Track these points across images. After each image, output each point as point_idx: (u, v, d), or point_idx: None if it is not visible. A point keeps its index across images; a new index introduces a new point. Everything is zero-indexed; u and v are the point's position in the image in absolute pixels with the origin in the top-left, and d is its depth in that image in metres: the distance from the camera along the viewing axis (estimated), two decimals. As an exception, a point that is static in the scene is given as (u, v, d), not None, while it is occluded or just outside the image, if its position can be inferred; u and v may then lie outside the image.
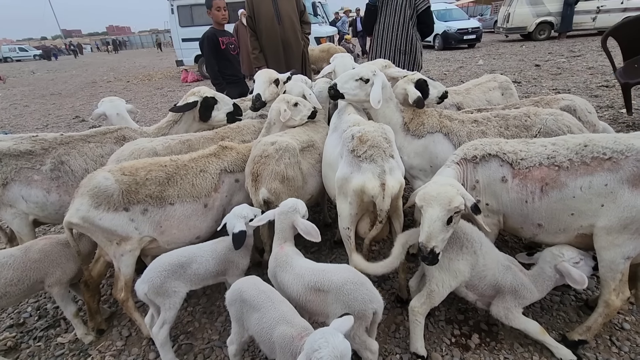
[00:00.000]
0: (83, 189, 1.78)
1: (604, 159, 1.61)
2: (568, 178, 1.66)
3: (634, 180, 1.54)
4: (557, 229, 1.76)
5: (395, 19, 3.54)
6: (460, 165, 1.89)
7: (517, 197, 1.78)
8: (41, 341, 2.17)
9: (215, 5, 3.66)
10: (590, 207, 1.64)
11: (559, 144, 1.75)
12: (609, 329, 1.92)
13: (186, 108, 2.55)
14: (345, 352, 1.13)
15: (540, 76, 8.65)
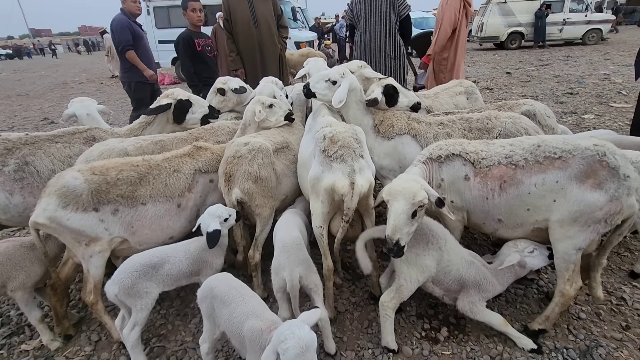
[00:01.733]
0: (50, 188, 1.73)
1: (555, 158, 1.72)
2: (524, 176, 1.77)
3: (581, 177, 1.66)
4: (515, 223, 1.87)
5: (381, 26, 3.68)
6: (426, 164, 1.98)
7: (478, 194, 1.88)
8: (3, 349, 2.07)
9: (191, 6, 3.65)
10: (544, 203, 1.75)
11: (515, 145, 1.86)
12: (566, 319, 2.04)
13: (159, 110, 2.53)
14: (310, 343, 1.17)
15: (511, 83, 9.05)
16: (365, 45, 3.78)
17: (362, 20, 3.71)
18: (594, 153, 1.66)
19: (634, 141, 2.52)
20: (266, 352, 1.19)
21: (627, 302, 2.13)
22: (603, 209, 1.63)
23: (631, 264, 2.41)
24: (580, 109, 6.27)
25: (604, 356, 1.81)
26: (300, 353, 1.14)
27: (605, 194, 1.62)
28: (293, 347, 1.14)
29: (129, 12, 4.14)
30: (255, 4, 4.03)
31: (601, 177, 1.63)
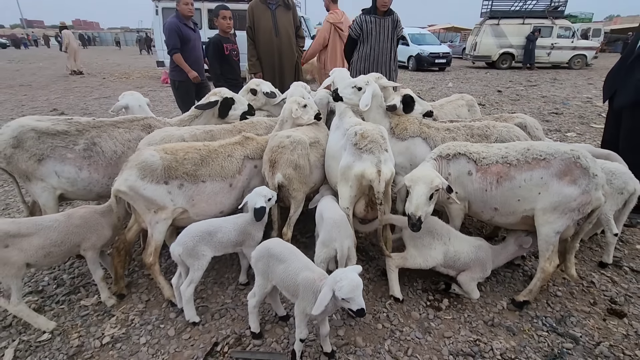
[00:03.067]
0: (132, 162, 2.07)
1: (540, 159, 2.13)
2: (516, 172, 2.17)
3: (560, 174, 2.08)
4: (508, 212, 2.27)
5: (387, 43, 4.16)
6: (437, 161, 2.38)
7: (479, 186, 2.28)
8: (64, 304, 2.37)
9: (222, 14, 4.04)
10: (531, 195, 2.15)
11: (510, 148, 2.28)
12: (546, 296, 2.45)
13: (210, 106, 2.89)
14: (359, 283, 1.55)
15: (502, 101, 9.66)
16: (374, 59, 4.23)
17: (372, 37, 4.14)
18: (570, 156, 2.09)
19: (602, 152, 3.02)
20: (324, 291, 1.56)
21: (596, 285, 2.57)
22: (577, 200, 2.06)
23: (600, 256, 2.85)
24: (564, 127, 6.85)
25: (575, 323, 2.22)
26: (352, 290, 1.51)
27: (579, 188, 2.04)
28: (347, 285, 1.51)
29: (181, 14, 4.50)
30: (277, 14, 4.44)
31: (575, 175, 2.05)
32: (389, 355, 1.99)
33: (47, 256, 2.05)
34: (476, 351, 2.02)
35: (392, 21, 4.13)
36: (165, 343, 2.07)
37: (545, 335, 2.14)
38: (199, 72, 4.84)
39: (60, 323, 2.20)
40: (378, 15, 4.06)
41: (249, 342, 2.06)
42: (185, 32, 4.50)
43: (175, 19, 4.51)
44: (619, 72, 3.35)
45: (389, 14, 4.11)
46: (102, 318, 2.26)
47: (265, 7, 4.41)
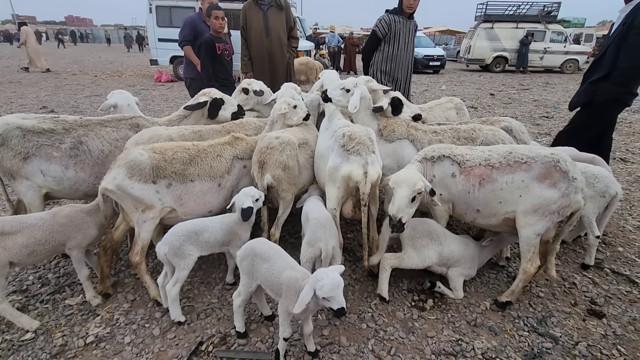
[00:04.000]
0: (120, 161, 2.07)
1: (522, 162, 2.17)
2: (498, 175, 2.21)
3: (540, 178, 2.12)
4: (490, 213, 2.30)
5: (410, 45, 4.18)
6: (422, 163, 2.41)
7: (462, 188, 2.31)
8: (49, 303, 2.36)
9: (214, 14, 4.04)
10: (513, 197, 2.18)
11: (493, 151, 2.31)
12: (528, 297, 2.50)
13: (199, 107, 2.89)
14: (340, 282, 1.57)
15: (494, 104, 9.76)
16: (399, 60, 4.20)
17: (399, 37, 4.11)
18: (550, 159, 2.12)
19: (586, 157, 3.08)
20: (305, 290, 1.58)
21: (577, 286, 2.62)
22: (556, 203, 2.10)
23: (583, 258, 2.91)
24: (554, 131, 6.94)
25: (555, 323, 2.27)
26: (332, 289, 1.53)
27: (558, 192, 2.08)
28: (328, 284, 1.53)
29: (204, 14, 4.46)
30: (269, 15, 4.46)
31: (555, 178, 2.09)
32: (372, 354, 2.01)
33: (31, 255, 2.04)
34: (458, 351, 2.05)
35: (414, 25, 4.18)
36: (149, 342, 2.07)
37: (526, 335, 2.18)
38: None
39: (44, 322, 2.18)
40: (403, 16, 4.08)
41: (234, 342, 2.07)
42: (201, 28, 4.52)
43: (196, 15, 4.56)
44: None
45: (412, 18, 4.15)
46: (86, 317, 2.25)
47: (257, 8, 4.42)
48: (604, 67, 3.25)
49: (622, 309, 2.39)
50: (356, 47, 17.27)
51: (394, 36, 4.10)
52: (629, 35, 3.06)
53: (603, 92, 3.24)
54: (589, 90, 3.34)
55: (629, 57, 3.07)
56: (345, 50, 17.38)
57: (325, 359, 1.97)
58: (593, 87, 3.31)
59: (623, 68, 3.11)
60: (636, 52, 3.06)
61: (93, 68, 17.42)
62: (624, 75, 3.13)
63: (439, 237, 2.37)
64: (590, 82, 3.34)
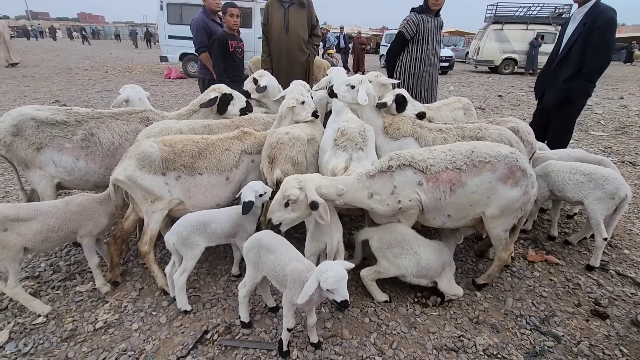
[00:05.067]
0: (131, 153, 2.12)
1: (486, 162, 2.14)
2: (467, 178, 2.15)
3: (504, 178, 2.12)
4: (460, 217, 2.27)
5: (437, 44, 4.11)
6: (374, 177, 2.18)
7: (432, 196, 2.19)
8: (60, 290, 2.43)
9: (229, 12, 4.09)
10: (482, 199, 2.17)
11: (454, 150, 2.21)
12: (531, 296, 2.50)
13: (211, 104, 2.95)
14: (344, 275, 1.60)
15: (502, 105, 9.70)
16: (428, 61, 4.13)
17: (428, 37, 4.01)
18: (512, 159, 2.14)
19: (595, 158, 3.07)
20: (310, 281, 1.61)
21: (581, 287, 2.61)
22: (519, 201, 2.16)
23: (588, 259, 2.90)
24: (561, 133, 6.89)
25: (558, 323, 2.27)
26: (336, 281, 1.56)
27: (520, 190, 2.14)
28: (332, 276, 1.56)
29: (208, 10, 4.52)
30: (290, 13, 4.46)
31: (517, 177, 2.13)
32: (374, 347, 2.04)
33: (44, 241, 2.10)
34: (459, 346, 2.06)
35: (440, 22, 4.09)
36: (156, 329, 2.12)
37: (528, 333, 2.19)
38: None
39: (55, 307, 2.25)
40: (430, 14, 3.97)
41: (238, 331, 2.11)
42: (213, 28, 4.54)
43: (202, 14, 4.54)
44: (545, 75, 3.90)
45: (438, 15, 4.04)
46: (96, 304, 2.31)
47: (279, 5, 4.45)
48: (571, 66, 3.54)
49: (626, 311, 2.39)
50: (364, 46, 17.24)
51: (422, 37, 3.98)
52: (593, 35, 3.36)
53: (577, 90, 3.55)
54: (563, 89, 3.60)
55: (596, 56, 3.40)
56: (353, 50, 17.37)
57: (327, 350, 2.01)
58: (567, 85, 3.57)
59: (591, 66, 3.43)
60: (601, 50, 3.38)
61: (104, 64, 17.66)
62: (592, 72, 3.47)
63: (411, 245, 2.25)
64: (564, 81, 3.59)
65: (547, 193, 3.02)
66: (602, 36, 3.33)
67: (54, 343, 2.01)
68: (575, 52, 3.49)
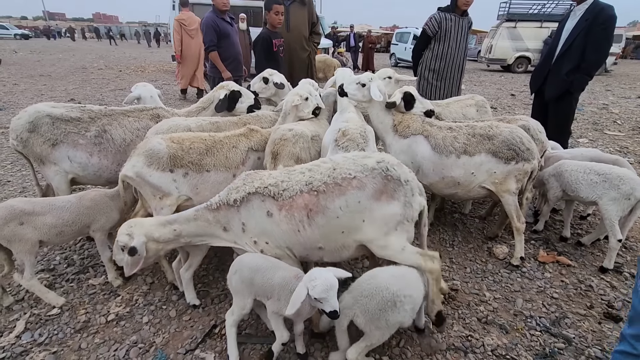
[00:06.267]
0: (140, 149, 2.16)
1: (351, 178, 1.78)
2: (327, 201, 1.76)
3: (376, 195, 1.78)
4: (336, 247, 1.87)
5: (462, 43, 4.11)
6: (220, 210, 1.88)
7: (288, 228, 1.81)
8: (73, 283, 2.49)
9: (275, 9, 4.06)
10: (355, 223, 1.79)
11: (314, 170, 1.85)
12: (542, 297, 2.46)
13: (223, 107, 2.97)
14: (333, 284, 1.51)
15: (515, 104, 9.54)
16: (450, 58, 4.14)
17: (450, 35, 4.04)
18: (379, 170, 1.80)
19: (610, 158, 3.00)
20: (298, 289, 1.54)
21: (594, 289, 2.56)
22: (401, 214, 1.82)
23: (601, 261, 2.83)
24: (576, 132, 6.74)
25: (569, 325, 2.23)
26: (325, 290, 1.48)
27: (399, 202, 1.81)
28: (320, 284, 1.48)
29: (217, 9, 4.56)
30: (291, 10, 4.50)
31: (391, 190, 1.80)
32: (381, 345, 2.03)
33: (59, 235, 2.16)
34: (467, 346, 2.05)
35: (468, 21, 4.11)
36: (166, 323, 2.16)
37: (538, 334, 2.16)
38: (237, 67, 4.85)
39: (69, 299, 2.31)
40: (457, 14, 4.01)
41: (246, 326, 2.13)
42: (222, 26, 4.57)
43: (212, 14, 4.58)
44: (543, 69, 3.93)
45: (465, 14, 4.07)
46: (108, 297, 2.36)
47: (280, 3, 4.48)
48: (572, 60, 3.62)
49: (641, 314, 2.33)
50: (372, 45, 17.15)
51: (444, 34, 4.05)
52: (595, 30, 3.44)
53: (578, 83, 3.66)
54: (565, 82, 3.69)
55: (596, 50, 3.50)
56: (363, 49, 17.30)
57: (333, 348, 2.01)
58: (568, 78, 3.66)
59: (591, 60, 3.55)
60: (602, 46, 3.51)
61: (118, 63, 17.96)
62: (591, 66, 3.59)
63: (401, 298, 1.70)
64: (565, 74, 3.67)
65: (560, 193, 2.97)
66: (603, 32, 3.44)
67: (67, 334, 2.06)
68: (576, 46, 3.57)
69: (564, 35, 3.71)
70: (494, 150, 2.61)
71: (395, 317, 1.71)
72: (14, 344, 1.99)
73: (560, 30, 3.80)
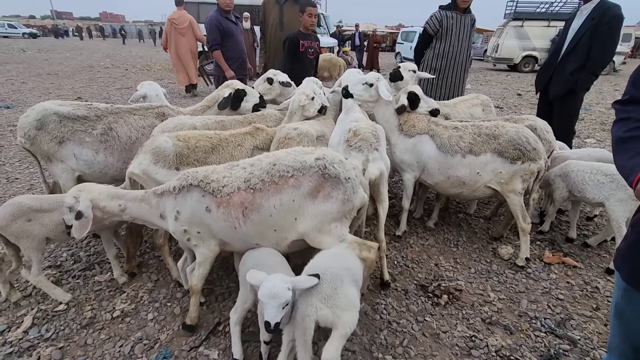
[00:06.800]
0: (146, 147, 2.18)
1: (289, 177, 1.78)
2: (263, 199, 1.77)
3: (312, 193, 1.78)
4: (271, 244, 1.89)
5: (465, 42, 4.01)
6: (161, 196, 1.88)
7: (225, 224, 1.81)
8: (80, 279, 2.52)
9: (309, 11, 4.03)
10: (287, 222, 1.81)
11: (255, 165, 1.83)
12: (547, 299, 2.44)
13: (227, 104, 2.98)
14: (277, 295, 1.40)
15: (521, 104, 9.45)
16: (451, 57, 4.05)
17: (452, 33, 3.95)
18: (316, 169, 1.78)
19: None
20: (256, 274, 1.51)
21: (600, 291, 2.54)
22: (339, 212, 1.81)
23: (608, 263, 2.81)
24: (583, 133, 6.68)
25: (575, 326, 2.21)
26: (266, 295, 1.41)
27: (337, 201, 1.79)
28: (266, 288, 1.42)
29: (221, 7, 4.57)
30: (285, 9, 4.50)
31: (328, 189, 1.78)
32: (385, 344, 2.04)
33: (65, 232, 2.18)
34: (471, 346, 2.04)
35: (471, 19, 4.03)
36: (170, 320, 2.17)
37: (543, 336, 2.14)
38: (241, 66, 4.84)
39: (75, 296, 2.34)
40: (458, 11, 3.93)
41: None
42: (226, 25, 4.57)
43: (216, 13, 4.58)
44: (549, 68, 3.89)
45: (467, 12, 3.99)
46: (113, 293, 2.39)
47: (275, 2, 4.50)
48: (578, 59, 3.59)
49: (648, 316, 2.30)
50: (377, 44, 17.08)
51: (445, 33, 3.97)
52: (601, 29, 3.42)
53: (582, 82, 3.63)
54: (570, 81, 3.66)
55: (602, 49, 3.49)
56: (368, 48, 17.24)
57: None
58: (573, 77, 3.64)
59: (597, 59, 3.51)
60: (608, 45, 3.49)
61: (124, 62, 18.08)
62: (597, 65, 3.55)
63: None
64: (570, 73, 3.65)
65: (566, 194, 2.94)
66: (609, 31, 3.42)
67: (74, 330, 2.09)
68: (582, 45, 3.55)
69: (570, 34, 3.68)
70: (499, 150, 2.60)
71: (350, 289, 1.61)
72: (22, 339, 2.02)
73: (566, 29, 3.77)
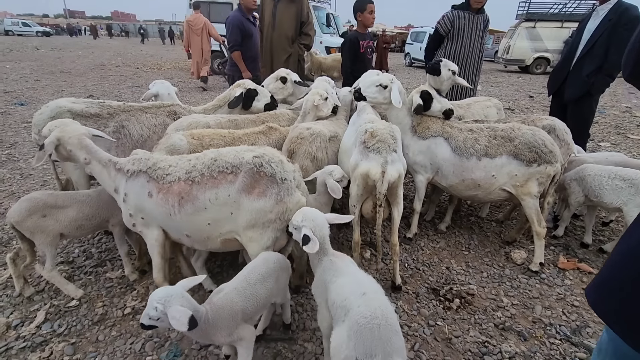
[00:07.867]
0: (161, 145, 2.19)
1: (227, 173, 1.81)
2: (199, 191, 1.81)
3: (247, 189, 1.79)
4: (202, 237, 1.93)
5: (477, 43, 3.94)
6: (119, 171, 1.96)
7: (162, 210, 1.87)
8: (92, 275, 2.54)
9: (369, 9, 3.87)
10: (222, 216, 1.83)
11: (199, 159, 1.89)
12: (562, 305, 2.39)
13: (237, 103, 2.98)
14: (169, 297, 1.39)
15: (533, 106, 9.32)
16: (463, 58, 3.96)
17: (464, 34, 3.88)
18: (252, 166, 1.80)
19: (636, 162, 2.89)
20: None
21: (617, 298, 2.47)
22: (273, 212, 1.81)
23: (625, 269, 2.74)
24: (597, 136, 6.54)
25: (591, 334, 2.16)
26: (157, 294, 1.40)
27: (270, 199, 1.79)
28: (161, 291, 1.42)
29: (244, 7, 4.52)
30: (278, 8, 4.39)
31: (263, 186, 1.79)
32: (395, 348, 2.01)
33: (79, 228, 2.20)
34: (484, 352, 2.00)
35: (484, 20, 3.94)
36: (181, 318, 2.17)
37: (558, 343, 2.09)
38: (256, 67, 4.81)
39: (87, 292, 2.35)
40: (471, 11, 3.85)
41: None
42: (247, 27, 4.51)
43: (238, 13, 4.53)
44: (562, 70, 3.84)
45: (481, 12, 3.90)
46: (124, 290, 2.40)
47: (270, 0, 4.43)
48: (594, 61, 3.52)
49: (667, 325, 2.24)
50: (386, 45, 16.98)
51: (457, 33, 3.90)
52: (619, 31, 3.35)
53: (599, 84, 3.57)
54: (586, 83, 3.60)
55: (619, 51, 3.36)
56: (377, 48, 17.16)
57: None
58: (589, 79, 3.58)
59: (614, 61, 3.42)
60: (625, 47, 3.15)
61: (135, 61, 18.28)
62: (613, 67, 3.44)
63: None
64: (587, 75, 3.59)
65: (582, 198, 2.88)
66: (627, 33, 3.33)
67: (85, 326, 2.10)
68: (599, 47, 3.49)
69: (586, 35, 3.60)
70: (515, 153, 2.55)
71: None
72: (35, 334, 2.03)
73: (581, 31, 3.69)
